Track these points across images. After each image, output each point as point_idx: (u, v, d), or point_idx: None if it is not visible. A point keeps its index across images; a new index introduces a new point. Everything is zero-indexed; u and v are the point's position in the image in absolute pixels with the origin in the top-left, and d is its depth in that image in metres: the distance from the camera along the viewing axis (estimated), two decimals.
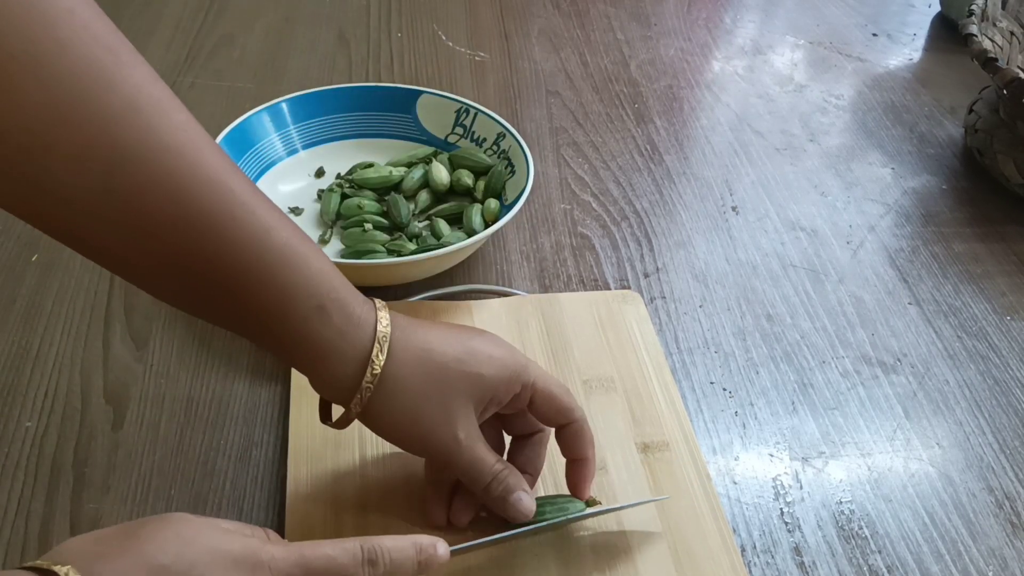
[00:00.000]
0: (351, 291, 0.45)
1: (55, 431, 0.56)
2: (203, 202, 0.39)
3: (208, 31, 0.99)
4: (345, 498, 0.52)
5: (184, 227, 0.39)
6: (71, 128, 0.36)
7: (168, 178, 0.38)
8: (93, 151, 0.36)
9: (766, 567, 0.53)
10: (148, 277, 0.42)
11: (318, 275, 0.43)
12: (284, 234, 0.42)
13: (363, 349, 0.44)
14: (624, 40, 1.06)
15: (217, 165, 0.40)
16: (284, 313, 0.43)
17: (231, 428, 0.58)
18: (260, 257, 0.41)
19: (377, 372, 0.44)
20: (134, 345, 0.63)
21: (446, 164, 0.77)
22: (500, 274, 0.72)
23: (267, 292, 0.42)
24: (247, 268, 0.41)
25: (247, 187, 0.42)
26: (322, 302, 0.43)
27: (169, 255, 0.40)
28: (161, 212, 0.39)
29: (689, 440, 0.57)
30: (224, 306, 0.43)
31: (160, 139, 0.38)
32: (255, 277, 0.42)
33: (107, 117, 0.36)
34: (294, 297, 0.42)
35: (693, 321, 0.69)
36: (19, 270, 0.67)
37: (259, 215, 0.41)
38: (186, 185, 0.39)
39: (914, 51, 1.11)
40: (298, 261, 0.42)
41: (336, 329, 0.44)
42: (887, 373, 0.66)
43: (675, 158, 0.87)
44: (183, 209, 0.39)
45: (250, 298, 0.42)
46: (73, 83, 0.35)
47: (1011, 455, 0.61)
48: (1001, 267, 0.77)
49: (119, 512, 0.52)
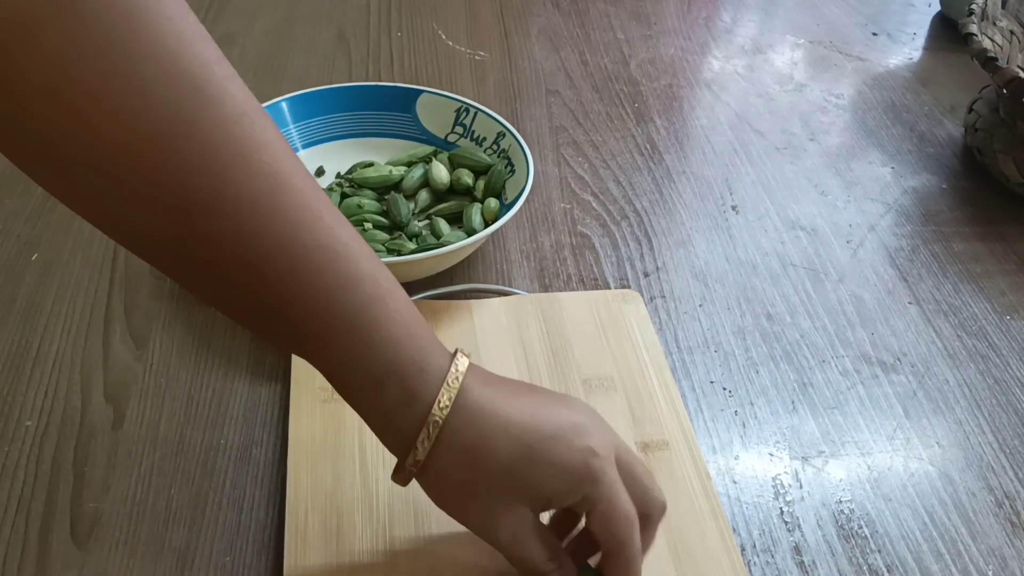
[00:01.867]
0: (419, 361, 0.41)
1: (55, 430, 0.56)
2: (269, 259, 0.38)
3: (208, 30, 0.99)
4: (346, 497, 0.52)
5: (249, 277, 0.38)
6: (147, 171, 0.35)
7: (238, 229, 0.37)
8: (168, 194, 0.36)
9: (766, 566, 0.53)
10: (219, 304, 0.42)
11: (381, 345, 0.40)
12: (354, 296, 0.40)
13: (413, 429, 0.42)
14: (624, 39, 1.06)
15: (292, 215, 0.38)
16: (340, 376, 0.42)
17: (231, 427, 0.58)
18: (322, 320, 0.40)
19: (420, 459, 0.42)
20: (134, 344, 0.63)
21: (446, 163, 0.77)
22: (500, 273, 0.72)
23: (326, 352, 0.41)
24: (308, 328, 0.40)
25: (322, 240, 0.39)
26: (381, 377, 0.41)
27: (239, 296, 0.40)
28: (231, 259, 0.38)
29: (689, 439, 0.57)
30: (289, 345, 0.43)
31: (234, 189, 0.37)
32: (315, 336, 0.40)
33: (182, 164, 0.35)
34: (350, 367, 0.41)
35: (693, 320, 0.69)
36: (19, 269, 0.67)
37: (327, 274, 0.39)
38: (252, 239, 0.38)
39: (914, 50, 1.11)
40: (363, 331, 0.40)
41: (390, 403, 0.41)
42: (887, 372, 0.66)
43: (675, 157, 0.87)
44: (248, 261, 0.38)
45: (312, 350, 0.41)
46: (151, 127, 0.34)
47: (1011, 454, 0.61)
48: (1001, 266, 0.77)
49: (119, 511, 0.52)
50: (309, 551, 0.49)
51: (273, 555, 0.51)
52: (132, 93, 0.34)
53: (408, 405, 0.41)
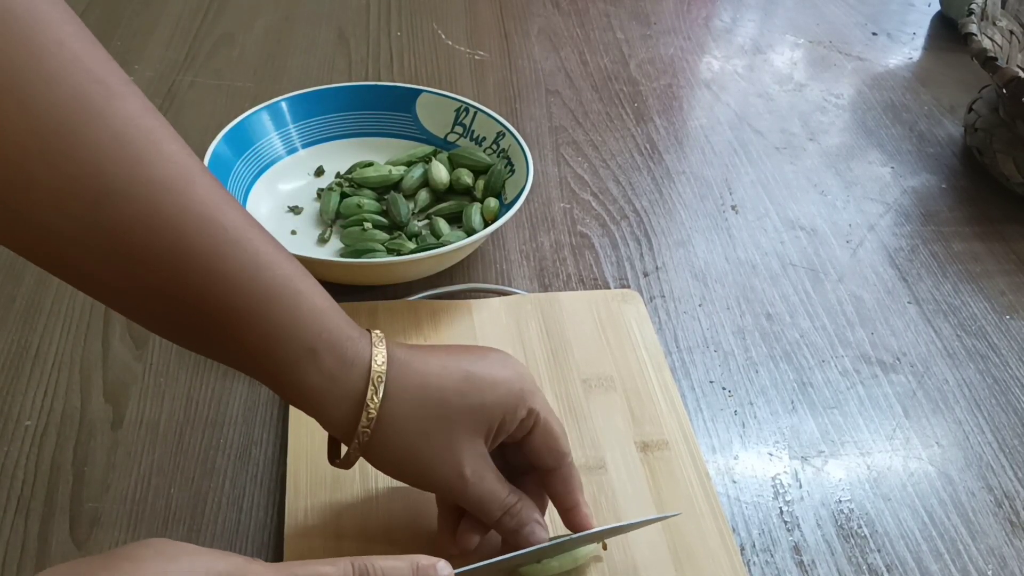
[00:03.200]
0: (346, 329, 0.44)
1: (54, 430, 0.56)
2: (191, 238, 0.38)
3: (208, 30, 0.99)
4: (346, 497, 0.52)
5: (172, 261, 0.38)
6: (56, 161, 0.35)
7: (155, 213, 0.38)
8: (79, 184, 0.36)
9: (765, 566, 0.53)
10: (139, 309, 0.41)
11: (309, 315, 0.42)
12: (276, 271, 0.41)
13: (358, 391, 0.43)
14: (624, 39, 1.06)
15: (207, 198, 0.39)
16: (274, 354, 0.42)
17: (230, 427, 0.58)
18: (248, 295, 0.40)
19: (373, 415, 0.43)
20: (133, 344, 0.63)
21: (446, 163, 0.77)
22: (500, 273, 0.72)
23: (255, 332, 0.41)
24: (235, 306, 0.40)
25: (240, 221, 0.40)
26: (313, 344, 0.42)
27: (157, 287, 0.39)
28: (148, 247, 0.38)
29: (688, 439, 0.57)
30: (215, 342, 0.42)
31: (147, 172, 0.37)
32: (244, 315, 0.40)
33: (93, 150, 0.36)
34: (282, 339, 0.41)
35: (692, 320, 0.69)
36: (19, 269, 0.67)
37: (249, 252, 0.40)
38: (173, 220, 0.38)
39: (914, 50, 1.11)
40: (288, 301, 0.41)
41: (327, 373, 0.42)
42: (886, 372, 0.66)
43: (675, 157, 0.87)
44: (170, 244, 0.38)
45: (240, 336, 0.41)
46: (60, 116, 0.35)
47: (1010, 454, 0.61)
48: (1000, 266, 0.77)
49: (119, 511, 0.52)
50: (309, 551, 0.49)
51: (273, 555, 0.51)
52: (37, 85, 0.35)
53: (348, 368, 0.43)
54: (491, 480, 0.46)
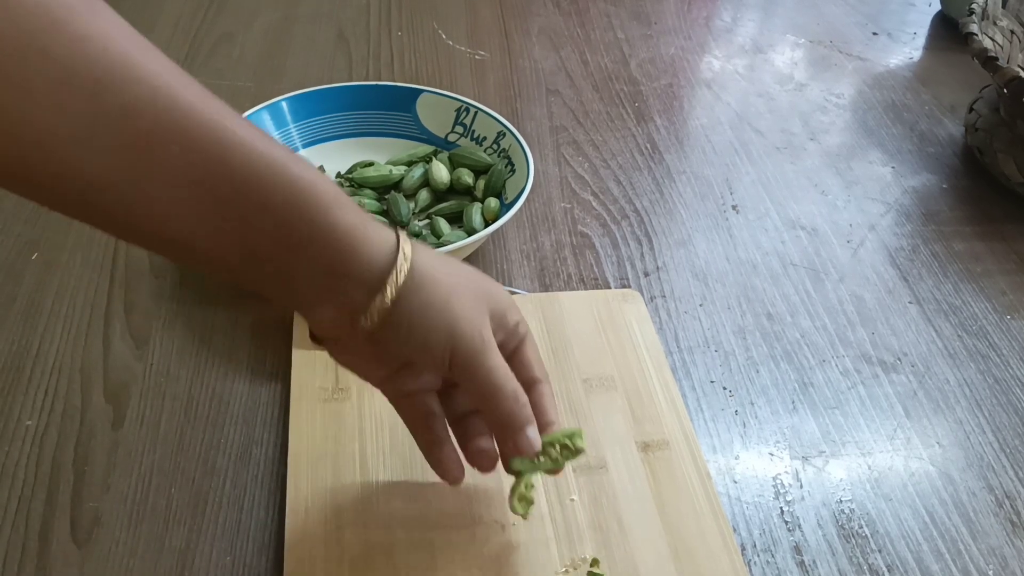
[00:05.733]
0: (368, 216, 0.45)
1: (55, 430, 0.56)
2: (198, 112, 0.39)
3: (207, 30, 0.99)
4: (346, 496, 0.52)
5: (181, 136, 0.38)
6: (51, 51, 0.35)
7: (155, 95, 0.38)
8: (76, 76, 0.36)
9: (766, 566, 0.53)
10: (156, 210, 0.40)
11: (345, 206, 0.42)
12: (303, 163, 0.42)
13: (389, 238, 0.43)
14: (624, 39, 1.06)
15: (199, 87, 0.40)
16: (302, 205, 0.41)
17: (231, 427, 0.58)
18: (268, 156, 0.40)
19: (408, 254, 0.43)
20: (134, 343, 0.63)
21: (446, 163, 0.77)
22: (500, 273, 0.72)
23: (281, 187, 0.41)
24: (258, 170, 0.40)
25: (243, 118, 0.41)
26: (339, 197, 0.42)
27: (172, 171, 0.39)
28: (155, 128, 0.38)
29: (689, 439, 0.57)
30: (237, 213, 0.40)
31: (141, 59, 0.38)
32: (268, 174, 0.40)
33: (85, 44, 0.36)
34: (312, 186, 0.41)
35: (693, 320, 0.69)
36: (19, 269, 0.67)
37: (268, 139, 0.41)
38: (176, 98, 0.38)
39: (914, 50, 1.11)
40: (304, 164, 0.42)
41: (360, 216, 0.43)
42: (887, 372, 0.66)
43: (675, 157, 0.87)
44: (180, 118, 0.38)
45: (266, 199, 0.40)
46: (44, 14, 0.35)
47: (1011, 454, 0.61)
48: (1001, 266, 0.77)
49: (119, 511, 0.52)
50: (309, 551, 0.49)
51: (273, 555, 0.51)
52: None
53: (375, 224, 0.43)
54: (498, 356, 0.46)
